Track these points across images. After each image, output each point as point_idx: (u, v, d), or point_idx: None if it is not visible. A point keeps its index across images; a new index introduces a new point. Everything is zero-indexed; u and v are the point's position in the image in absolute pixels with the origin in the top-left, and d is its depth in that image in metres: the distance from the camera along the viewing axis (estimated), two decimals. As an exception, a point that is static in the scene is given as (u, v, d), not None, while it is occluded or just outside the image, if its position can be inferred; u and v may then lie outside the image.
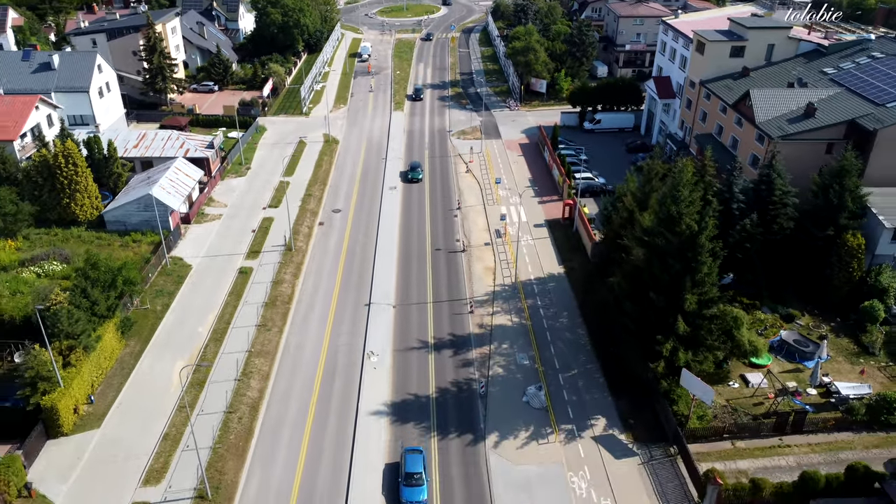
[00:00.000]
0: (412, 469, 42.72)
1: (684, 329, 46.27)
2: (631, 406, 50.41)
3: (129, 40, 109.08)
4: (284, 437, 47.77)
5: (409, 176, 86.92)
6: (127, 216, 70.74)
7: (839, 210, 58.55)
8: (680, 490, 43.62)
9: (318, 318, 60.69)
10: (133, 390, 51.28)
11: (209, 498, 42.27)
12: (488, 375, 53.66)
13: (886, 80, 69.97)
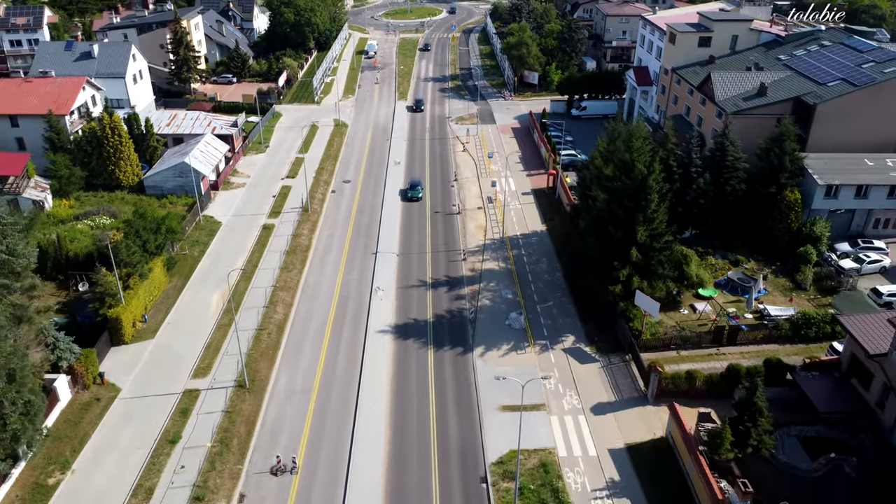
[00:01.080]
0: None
1: (637, 257, 56.04)
2: (596, 328, 60.08)
3: (156, 35, 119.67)
4: (306, 347, 57.66)
5: (408, 195, 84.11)
6: (164, 181, 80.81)
7: (779, 170, 68.25)
8: (631, 385, 53.29)
9: (332, 263, 70.67)
10: (178, 313, 61.23)
11: (247, 386, 52.08)
12: (477, 305, 63.46)
13: (829, 64, 79.96)
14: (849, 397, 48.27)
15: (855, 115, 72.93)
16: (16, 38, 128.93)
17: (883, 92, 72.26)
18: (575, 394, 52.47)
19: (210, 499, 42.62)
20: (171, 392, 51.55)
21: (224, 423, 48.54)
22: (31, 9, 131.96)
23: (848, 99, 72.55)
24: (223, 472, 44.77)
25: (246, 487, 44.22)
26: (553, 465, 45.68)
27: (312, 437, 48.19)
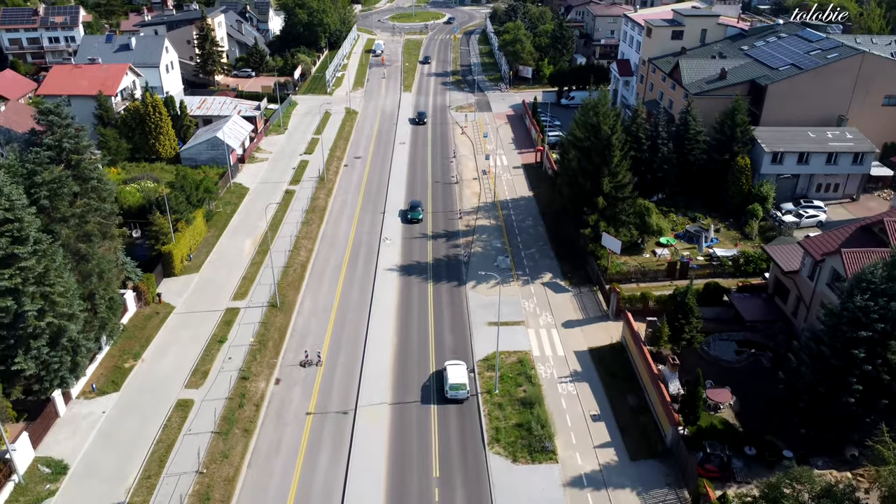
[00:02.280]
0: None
1: (602, 204, 66.98)
2: (571, 267, 70.95)
3: (184, 31, 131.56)
4: (326, 279, 68.76)
5: (408, 216, 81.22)
6: (198, 153, 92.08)
7: (732, 140, 79.21)
8: (597, 307, 64.12)
9: (346, 219, 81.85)
10: (217, 255, 72.39)
11: (278, 306, 63.09)
12: (470, 251, 74.45)
13: (783, 52, 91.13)
14: (771, 310, 59.16)
15: (802, 95, 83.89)
16: (54, 36, 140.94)
17: (825, 74, 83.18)
18: (550, 314, 63.31)
19: (253, 380, 53.56)
20: (216, 309, 62.61)
21: (261, 331, 59.52)
22: (68, 9, 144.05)
23: (795, 80, 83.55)
24: (262, 363, 55.73)
25: (280, 374, 55.19)
26: (528, 361, 56.49)
27: (333, 340, 59.20)
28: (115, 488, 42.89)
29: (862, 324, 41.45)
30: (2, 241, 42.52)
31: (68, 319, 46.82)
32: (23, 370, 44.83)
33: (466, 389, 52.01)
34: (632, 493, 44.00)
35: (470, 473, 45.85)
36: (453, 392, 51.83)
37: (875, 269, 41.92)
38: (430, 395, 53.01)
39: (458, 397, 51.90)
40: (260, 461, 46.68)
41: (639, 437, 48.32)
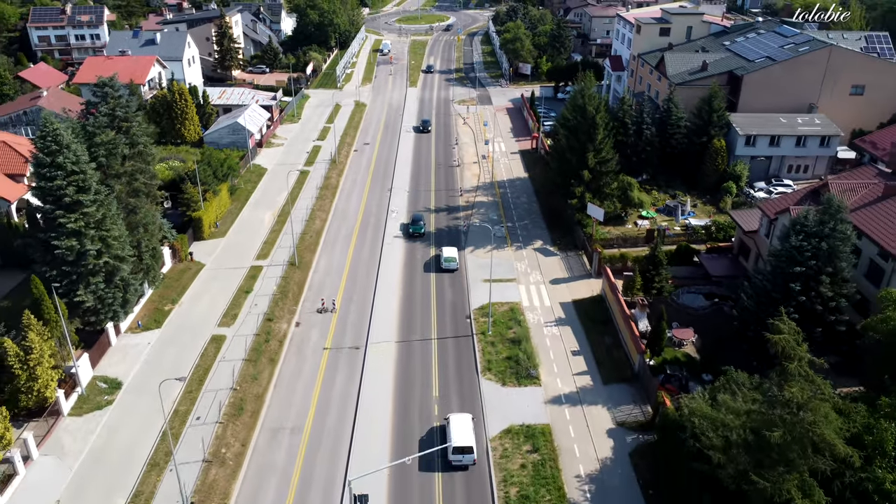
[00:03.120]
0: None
1: (588, 177, 74.57)
2: (560, 235, 78.45)
3: (203, 29, 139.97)
4: (339, 244, 76.47)
5: (410, 230, 78.68)
6: (220, 138, 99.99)
7: (709, 124, 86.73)
8: (582, 268, 71.58)
9: (356, 195, 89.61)
10: (240, 224, 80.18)
11: (297, 265, 70.75)
12: (469, 222, 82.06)
13: (760, 46, 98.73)
14: (735, 267, 66.59)
15: (775, 84, 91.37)
16: (80, 33, 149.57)
17: (797, 65, 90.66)
18: (539, 273, 70.83)
19: (277, 321, 61.19)
20: (241, 266, 70.33)
21: (282, 284, 67.17)
22: (94, 8, 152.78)
23: (769, 71, 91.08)
24: (284, 308, 63.38)
25: (300, 318, 62.80)
26: (518, 309, 63.98)
27: (346, 292, 66.84)
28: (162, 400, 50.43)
29: (797, 261, 48.86)
30: (69, 189, 50.31)
31: (121, 261, 54.56)
32: (83, 302, 52.56)
33: (456, 262, 70.48)
34: (603, 408, 51.41)
35: (465, 394, 53.32)
36: (447, 264, 70.34)
37: (808, 214, 49.39)
38: (431, 333, 60.58)
39: (449, 268, 70.56)
40: (284, 382, 54.28)
41: (611, 367, 55.77)
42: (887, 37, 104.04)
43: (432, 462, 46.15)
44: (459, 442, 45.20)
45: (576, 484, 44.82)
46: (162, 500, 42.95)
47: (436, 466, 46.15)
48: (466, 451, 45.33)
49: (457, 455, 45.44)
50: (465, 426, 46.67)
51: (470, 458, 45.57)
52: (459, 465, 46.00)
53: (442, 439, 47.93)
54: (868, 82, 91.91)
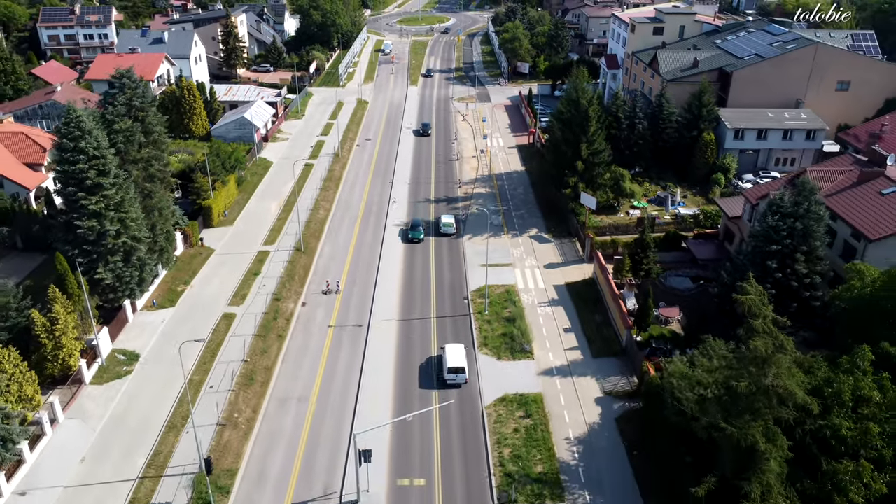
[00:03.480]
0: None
1: (581, 167, 77.85)
2: (554, 224, 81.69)
3: (209, 28, 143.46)
4: (343, 231, 79.78)
5: (409, 235, 77.87)
6: (227, 132, 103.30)
7: (699, 118, 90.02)
8: (575, 253, 74.83)
9: (359, 187, 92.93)
10: (248, 213, 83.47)
11: (302, 250, 74.01)
12: (468, 212, 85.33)
13: (749, 45, 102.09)
14: (720, 251, 69.80)
15: (763, 80, 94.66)
16: (89, 33, 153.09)
17: (784, 62, 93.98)
18: (534, 258, 74.08)
19: (284, 301, 64.43)
20: (249, 252, 73.61)
21: (288, 268, 70.41)
22: (102, 8, 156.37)
23: (757, 67, 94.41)
24: (290, 290, 66.63)
25: (306, 299, 66.05)
26: (514, 291, 67.21)
27: (350, 276, 70.14)
28: (176, 370, 53.69)
29: (773, 240, 52.07)
30: (91, 172, 53.60)
31: (138, 241, 57.84)
32: (102, 279, 55.82)
33: (453, 227, 78.45)
34: (592, 379, 54.64)
35: (462, 366, 56.53)
36: (445, 228, 78.45)
37: (784, 196, 52.64)
38: (430, 313, 63.84)
39: (447, 232, 78.41)
40: (292, 357, 57.54)
41: (601, 343, 59.00)
42: (873, 35, 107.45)
43: (430, 380, 54.41)
44: (453, 363, 52.96)
45: (565, 446, 48.01)
46: (180, 459, 46.17)
47: (433, 384, 54.12)
48: (459, 371, 53.10)
49: (451, 374, 53.08)
50: (458, 353, 54.51)
51: (462, 378, 53.18)
52: (453, 384, 53.36)
53: (439, 366, 55.82)
54: (853, 79, 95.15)
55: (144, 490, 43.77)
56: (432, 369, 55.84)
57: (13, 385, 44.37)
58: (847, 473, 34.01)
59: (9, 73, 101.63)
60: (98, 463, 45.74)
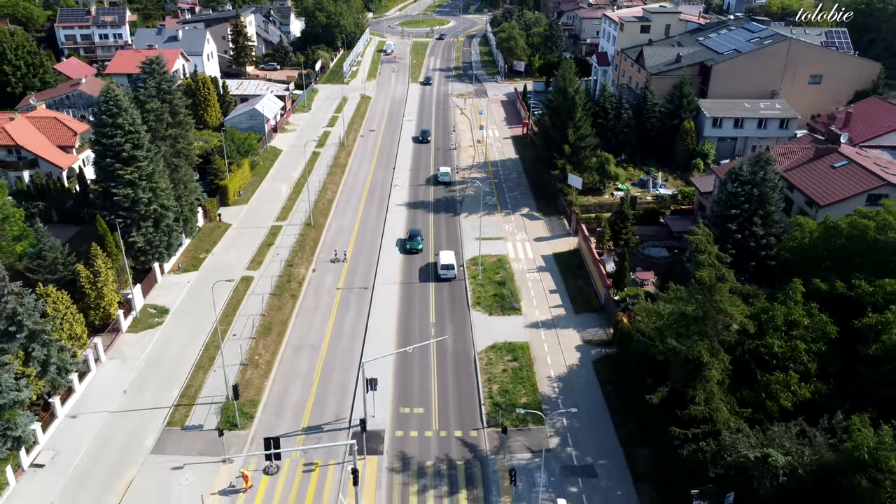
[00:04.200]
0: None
1: (568, 150, 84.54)
2: (544, 204, 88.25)
3: (220, 28, 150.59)
4: (349, 210, 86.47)
5: (407, 245, 76.17)
6: (239, 122, 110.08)
7: (680, 109, 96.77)
8: (562, 228, 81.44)
9: (363, 172, 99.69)
10: (261, 194, 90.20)
11: (312, 225, 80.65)
12: (464, 193, 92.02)
13: (729, 41, 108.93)
14: (693, 224, 76.27)
15: (741, 73, 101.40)
16: (104, 33, 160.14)
17: (760, 56, 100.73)
18: (524, 233, 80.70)
19: (296, 266, 71.05)
20: (263, 226, 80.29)
21: (300, 240, 77.04)
22: (116, 9, 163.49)
23: (735, 61, 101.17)
24: (302, 258, 73.24)
25: (316, 266, 72.67)
26: (505, 260, 73.78)
27: (356, 247, 76.78)
28: (203, 322, 60.27)
29: (733, 205, 58.69)
30: (127, 145, 60.31)
31: (166, 209, 64.52)
32: (135, 242, 62.46)
33: (449, 176, 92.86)
34: (573, 331, 61.16)
35: (457, 321, 63.09)
36: (443, 177, 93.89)
37: (742, 165, 59.28)
38: (428, 277, 70.47)
39: (444, 181, 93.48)
40: (305, 312, 64.13)
41: (582, 301, 65.58)
42: (846, 32, 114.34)
43: (428, 275, 70.64)
44: (445, 262, 69.58)
45: (547, 383, 54.51)
46: (208, 391, 52.71)
47: (430, 278, 70.31)
48: (450, 267, 69.52)
49: (444, 270, 69.40)
50: (449, 255, 70.98)
51: (452, 273, 69.76)
52: (446, 278, 69.71)
53: (435, 267, 71.85)
54: (825, 72, 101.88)
55: (179, 415, 50.30)
56: (430, 272, 71.47)
57: (65, 324, 50.92)
58: (778, 383, 40.46)
59: (37, 66, 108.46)
60: (138, 394, 52.29)
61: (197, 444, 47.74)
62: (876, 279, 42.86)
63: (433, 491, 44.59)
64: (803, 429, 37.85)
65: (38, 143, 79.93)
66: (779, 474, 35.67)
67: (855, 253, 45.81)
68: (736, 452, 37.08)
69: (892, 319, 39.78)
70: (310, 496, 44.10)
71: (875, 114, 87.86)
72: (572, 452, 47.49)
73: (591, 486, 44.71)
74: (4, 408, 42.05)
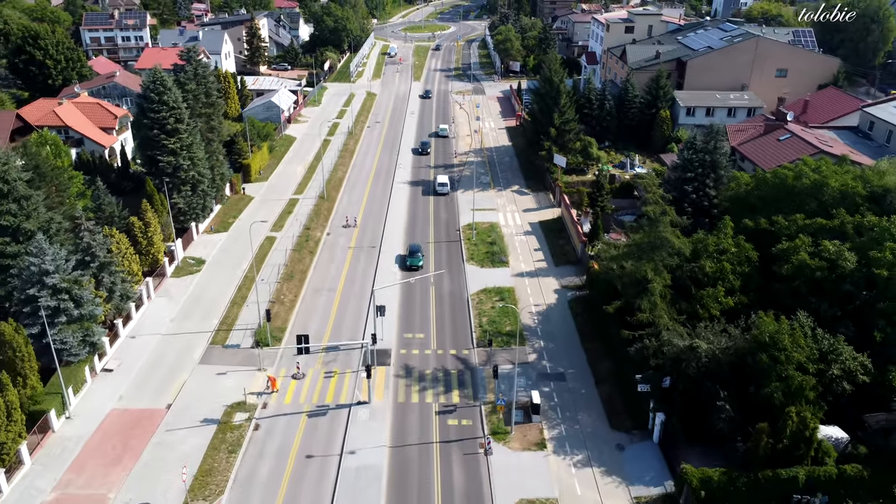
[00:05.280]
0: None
1: (554, 132, 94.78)
2: (533, 182, 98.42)
3: (236, 30, 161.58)
4: (358, 186, 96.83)
5: (406, 262, 73.59)
6: (256, 113, 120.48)
7: (657, 99, 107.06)
8: (548, 201, 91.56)
9: (370, 156, 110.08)
10: (278, 174, 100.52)
11: (325, 198, 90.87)
12: (461, 173, 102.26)
13: (704, 39, 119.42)
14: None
15: (714, 68, 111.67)
16: (126, 35, 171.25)
17: (731, 52, 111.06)
18: (514, 205, 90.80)
19: (313, 229, 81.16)
20: (282, 199, 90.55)
21: (315, 209, 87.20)
22: (138, 14, 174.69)
23: (708, 57, 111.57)
24: (317, 224, 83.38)
25: (330, 230, 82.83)
26: (496, 226, 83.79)
27: (364, 216, 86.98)
28: (234, 271, 70.30)
29: (689, 169, 68.73)
30: (170, 119, 70.57)
31: (202, 177, 74.73)
32: (176, 203, 72.61)
33: (447, 130, 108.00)
34: (552, 278, 71.12)
35: (453, 271, 73.07)
36: (442, 131, 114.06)
37: (697, 135, 69.40)
38: (430, 239, 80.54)
39: (442, 134, 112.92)
40: (321, 265, 74.20)
41: (561, 255, 75.60)
42: (811, 31, 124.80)
43: (428, 190, 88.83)
44: (441, 181, 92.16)
45: (528, 316, 64.44)
46: (243, 320, 62.73)
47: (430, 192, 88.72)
48: (444, 185, 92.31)
49: (440, 186, 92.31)
50: (444, 177, 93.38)
51: (446, 189, 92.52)
52: (441, 192, 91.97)
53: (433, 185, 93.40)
54: (790, 67, 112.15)
55: (220, 337, 60.31)
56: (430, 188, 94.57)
57: (125, 262, 61.00)
58: (709, 297, 50.31)
59: (74, 61, 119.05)
60: (184, 321, 62.37)
61: (237, 357, 57.76)
62: (791, 216, 52.82)
63: (431, 390, 54.49)
64: (725, 328, 47.71)
65: (83, 124, 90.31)
66: (701, 357, 45.54)
67: (777, 198, 55.79)
68: (671, 344, 46.92)
69: (800, 245, 49.70)
70: (330, 394, 54.02)
71: (831, 102, 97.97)
72: (546, 365, 57.38)
73: (561, 387, 54.59)
74: (85, 318, 52.09)
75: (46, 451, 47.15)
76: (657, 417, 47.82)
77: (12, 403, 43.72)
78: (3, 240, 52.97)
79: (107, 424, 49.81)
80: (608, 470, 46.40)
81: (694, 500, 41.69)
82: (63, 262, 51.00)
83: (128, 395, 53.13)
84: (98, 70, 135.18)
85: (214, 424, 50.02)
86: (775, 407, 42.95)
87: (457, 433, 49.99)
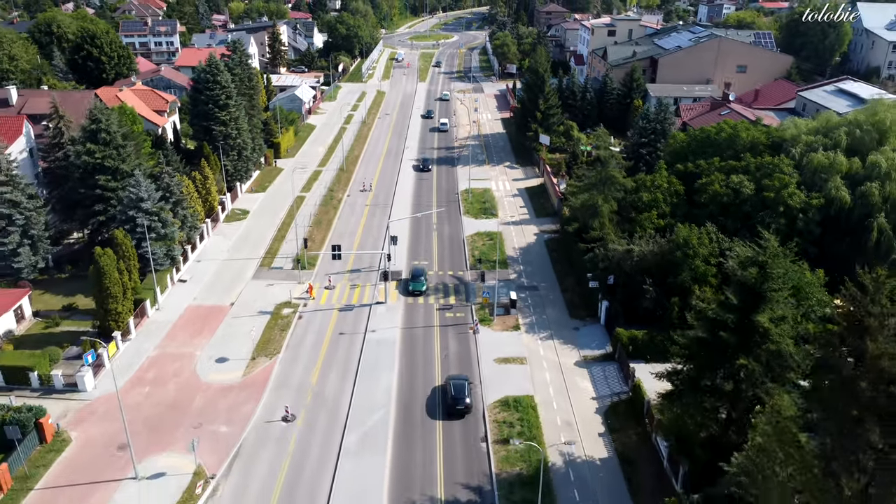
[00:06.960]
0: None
1: (539, 116, 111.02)
2: (522, 160, 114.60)
3: (259, 35, 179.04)
4: (372, 162, 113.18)
5: (409, 287, 70.01)
6: (281, 104, 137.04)
7: (632, 91, 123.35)
8: (534, 174, 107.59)
9: (381, 141, 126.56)
10: (303, 152, 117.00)
11: (344, 170, 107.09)
12: (460, 153, 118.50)
13: (676, 40, 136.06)
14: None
15: (682, 65, 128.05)
16: (158, 41, 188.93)
17: (697, 51, 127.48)
18: (505, 176, 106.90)
19: (336, 192, 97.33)
20: (308, 170, 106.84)
21: (336, 178, 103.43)
22: (169, 21, 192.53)
23: (677, 55, 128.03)
24: (338, 189, 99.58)
25: (349, 193, 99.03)
26: (489, 190, 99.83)
27: (378, 183, 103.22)
28: (273, 219, 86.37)
29: (643, 136, 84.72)
30: (222, 96, 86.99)
31: (245, 144, 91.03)
32: (225, 166, 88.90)
33: (446, 123, 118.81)
34: (533, 226, 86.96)
35: (453, 222, 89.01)
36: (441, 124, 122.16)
37: (649, 108, 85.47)
38: (433, 200, 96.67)
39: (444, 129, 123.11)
40: (344, 217, 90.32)
41: (541, 209, 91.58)
42: (770, 34, 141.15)
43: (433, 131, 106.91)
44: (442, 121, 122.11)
45: (512, 251, 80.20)
46: (284, 252, 78.73)
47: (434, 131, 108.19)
48: (444, 124, 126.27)
49: (441, 124, 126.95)
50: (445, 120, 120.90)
51: (446, 126, 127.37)
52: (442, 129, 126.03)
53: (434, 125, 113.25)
54: (749, 63, 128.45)
55: (266, 262, 76.31)
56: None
57: (191, 202, 77.12)
58: (645, 219, 66.09)
59: (124, 58, 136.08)
60: (236, 252, 78.42)
61: (281, 274, 73.75)
62: (710, 160, 68.75)
63: (434, 296, 70.24)
64: (654, 237, 63.42)
65: (140, 107, 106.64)
66: (634, 258, 61.23)
67: (703, 148, 71.69)
68: (614, 250, 62.63)
69: (714, 180, 65.51)
70: (355, 298, 69.84)
71: (778, 90, 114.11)
72: (524, 281, 73.13)
73: (535, 295, 70.30)
74: (167, 237, 68.15)
75: (145, 329, 63.04)
76: (603, 305, 63.51)
77: (126, 286, 59.64)
78: (107, 177, 69.12)
79: (187, 314, 65.72)
80: (565, 341, 62.05)
81: (624, 354, 57.25)
82: (154, 192, 67.15)
83: (200, 296, 69.08)
84: (140, 68, 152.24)
85: (268, 315, 65.85)
86: (686, 289, 58.59)
87: (453, 321, 65.72)
